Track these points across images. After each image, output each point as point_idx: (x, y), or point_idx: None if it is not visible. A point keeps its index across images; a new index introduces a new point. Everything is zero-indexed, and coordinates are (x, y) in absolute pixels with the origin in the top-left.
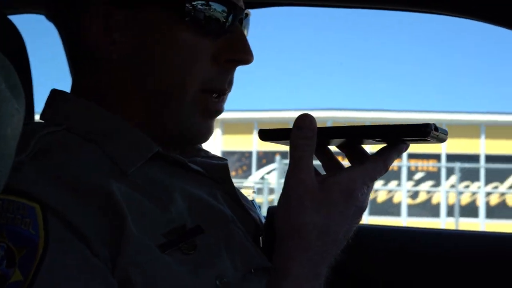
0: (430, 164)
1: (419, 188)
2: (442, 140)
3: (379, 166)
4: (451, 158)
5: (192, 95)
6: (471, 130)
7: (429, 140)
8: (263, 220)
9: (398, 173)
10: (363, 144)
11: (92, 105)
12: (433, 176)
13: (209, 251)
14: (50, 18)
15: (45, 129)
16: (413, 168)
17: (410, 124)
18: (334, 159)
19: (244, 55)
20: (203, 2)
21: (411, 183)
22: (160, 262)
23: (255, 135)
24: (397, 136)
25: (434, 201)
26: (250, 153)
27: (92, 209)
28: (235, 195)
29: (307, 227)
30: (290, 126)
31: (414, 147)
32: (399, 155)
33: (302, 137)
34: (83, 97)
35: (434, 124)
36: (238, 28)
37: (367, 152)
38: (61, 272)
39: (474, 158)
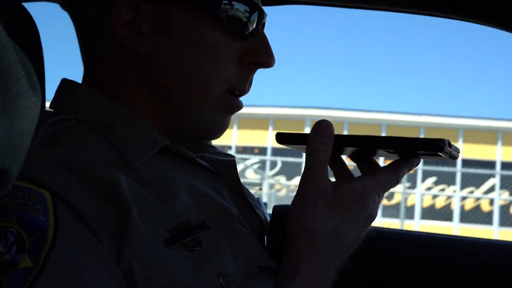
0: None
1: (394, 189)
2: (454, 157)
3: (391, 177)
4: (427, 161)
5: (215, 95)
6: (451, 134)
7: (441, 156)
8: (269, 219)
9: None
10: (375, 155)
11: (103, 97)
12: (410, 178)
13: (213, 248)
14: (65, 7)
15: (53, 118)
16: None
17: (424, 139)
18: (346, 168)
19: (268, 59)
20: (231, 2)
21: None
22: (164, 258)
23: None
24: (411, 150)
25: (409, 203)
26: (229, 147)
27: (99, 199)
28: (242, 193)
29: (320, 231)
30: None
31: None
32: (410, 169)
33: (319, 142)
34: (95, 88)
35: (448, 140)
36: (261, 31)
37: (379, 164)
38: (71, 259)
39: (451, 162)
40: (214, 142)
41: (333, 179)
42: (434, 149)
